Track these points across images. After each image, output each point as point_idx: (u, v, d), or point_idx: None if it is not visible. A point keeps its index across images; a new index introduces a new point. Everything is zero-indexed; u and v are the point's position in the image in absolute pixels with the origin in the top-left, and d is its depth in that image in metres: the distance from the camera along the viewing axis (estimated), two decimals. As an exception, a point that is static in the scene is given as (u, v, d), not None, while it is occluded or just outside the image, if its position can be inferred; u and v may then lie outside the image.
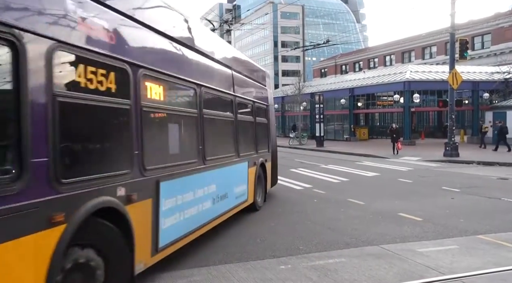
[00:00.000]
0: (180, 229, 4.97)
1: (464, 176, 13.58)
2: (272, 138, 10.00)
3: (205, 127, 5.70)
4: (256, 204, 8.35)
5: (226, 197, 6.60)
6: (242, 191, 7.46)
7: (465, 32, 35.73)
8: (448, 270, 4.82)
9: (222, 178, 6.36)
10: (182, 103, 5.54)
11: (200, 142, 5.59)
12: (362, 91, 32.97)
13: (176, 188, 4.83)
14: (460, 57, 19.00)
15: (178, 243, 4.96)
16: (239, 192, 7.26)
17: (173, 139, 5.22)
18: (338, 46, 70.72)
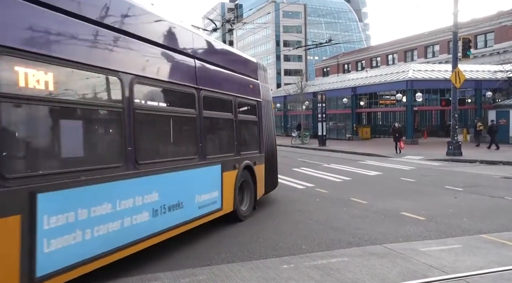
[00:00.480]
0: (86, 250, 4.04)
1: (467, 175, 13.54)
2: (266, 138, 9.04)
3: (138, 124, 4.78)
4: (238, 213, 7.41)
5: (180, 206, 5.59)
6: (212, 199, 6.47)
7: (468, 31, 35.64)
8: (451, 269, 4.81)
9: (171, 184, 5.43)
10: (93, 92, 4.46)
11: (128, 142, 4.63)
12: (364, 90, 32.91)
13: (76, 199, 3.91)
14: (463, 56, 18.92)
15: (84, 266, 4.04)
16: (205, 200, 6.27)
17: (72, 139, 4.16)
18: (340, 45, 70.53)
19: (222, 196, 6.78)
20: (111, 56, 4.56)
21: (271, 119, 9.71)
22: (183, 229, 5.76)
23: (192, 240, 6.36)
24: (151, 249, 5.79)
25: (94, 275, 4.81)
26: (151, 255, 5.58)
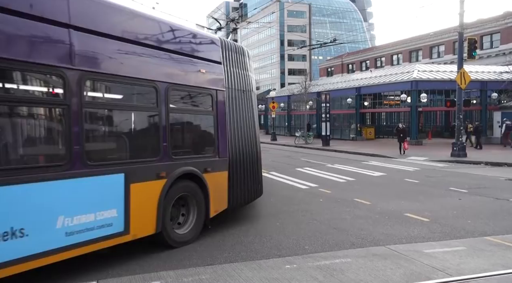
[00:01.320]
0: None
1: (472, 176, 13.47)
2: (235, 138, 7.23)
3: None
4: (168, 237, 5.79)
5: (17, 236, 4.02)
6: (102, 220, 4.84)
7: (474, 31, 35.40)
8: (455, 271, 4.78)
9: None
10: None
11: None
12: (368, 90, 32.81)
13: None
14: (468, 56, 18.81)
15: None
16: (85, 223, 4.65)
17: None
18: (344, 45, 70.48)
19: (127, 216, 5.12)
20: None
21: (250, 115, 7.82)
22: (25, 267, 4.18)
23: (195, 240, 6.36)
24: (154, 248, 5.80)
25: (98, 272, 4.83)
26: (154, 254, 5.59)
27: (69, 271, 4.91)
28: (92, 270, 4.93)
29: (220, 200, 6.90)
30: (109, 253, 5.58)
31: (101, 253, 5.56)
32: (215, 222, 7.40)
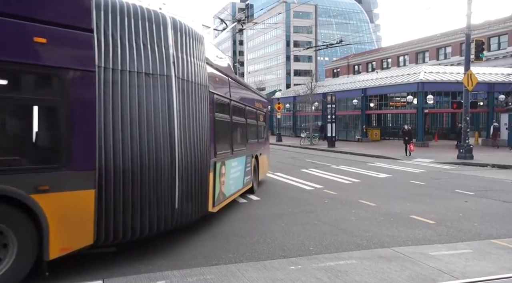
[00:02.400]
0: None
1: (478, 179, 13.37)
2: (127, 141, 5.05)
3: None
4: None
5: None
6: None
7: (481, 33, 35.18)
8: (461, 274, 4.75)
9: None
10: None
11: None
12: (375, 91, 32.70)
13: None
14: (475, 58, 18.69)
15: None
16: None
17: None
18: (351, 46, 70.30)
19: None
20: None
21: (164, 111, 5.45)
22: None
23: (199, 240, 6.38)
24: (159, 248, 5.83)
25: (103, 271, 4.86)
26: (159, 254, 5.61)
27: (75, 270, 4.94)
28: (97, 269, 4.96)
29: (76, 233, 4.69)
30: (114, 252, 5.61)
31: (107, 252, 5.60)
32: (218, 222, 7.42)
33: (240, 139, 9.48)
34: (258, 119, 11.69)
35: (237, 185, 8.84)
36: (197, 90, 6.15)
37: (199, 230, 6.93)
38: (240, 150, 9.18)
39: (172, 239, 6.36)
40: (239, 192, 9.17)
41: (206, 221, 7.55)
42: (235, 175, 8.61)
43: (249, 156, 10.08)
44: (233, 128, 8.60)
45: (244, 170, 9.46)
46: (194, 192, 5.97)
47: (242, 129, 9.73)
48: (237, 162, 8.80)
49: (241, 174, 9.17)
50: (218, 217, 7.88)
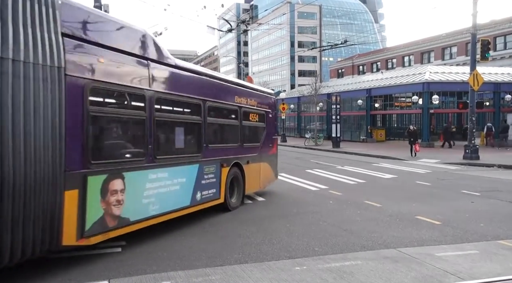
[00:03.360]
0: None
1: (485, 179, 13.28)
2: None
3: None
4: None
5: None
6: None
7: (487, 32, 34.96)
8: (467, 275, 4.71)
9: None
10: None
11: None
12: (379, 92, 32.60)
13: None
14: (481, 58, 18.57)
15: None
16: None
17: None
18: (355, 46, 70.25)
19: None
20: None
21: None
22: None
23: (204, 240, 6.38)
24: (164, 248, 5.84)
25: (109, 271, 4.88)
26: (165, 254, 5.62)
27: (80, 270, 4.96)
28: (103, 269, 4.98)
29: None
30: (119, 253, 5.64)
31: (112, 252, 5.62)
32: (223, 223, 7.43)
33: (183, 143, 7.44)
34: (242, 118, 9.18)
35: (172, 203, 6.59)
36: (38, 75, 4.36)
37: (204, 231, 6.94)
38: (182, 157, 7.05)
39: (178, 239, 6.37)
40: (183, 212, 6.94)
41: (211, 222, 7.56)
42: (164, 190, 6.37)
43: (213, 165, 7.78)
44: (158, 128, 6.36)
45: (196, 182, 7.21)
46: (29, 218, 4.24)
47: (190, 130, 7.57)
48: (171, 173, 6.54)
49: (185, 188, 6.95)
50: (223, 218, 7.89)
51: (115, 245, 5.91)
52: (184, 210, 6.99)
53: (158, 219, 6.33)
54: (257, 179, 9.90)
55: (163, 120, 6.63)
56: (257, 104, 10.06)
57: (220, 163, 8.07)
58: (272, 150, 10.94)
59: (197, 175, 7.30)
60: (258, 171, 9.88)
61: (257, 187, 9.96)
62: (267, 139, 10.50)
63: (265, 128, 10.45)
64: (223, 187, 8.20)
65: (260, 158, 10.03)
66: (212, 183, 7.77)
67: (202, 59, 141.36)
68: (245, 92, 9.56)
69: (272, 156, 10.92)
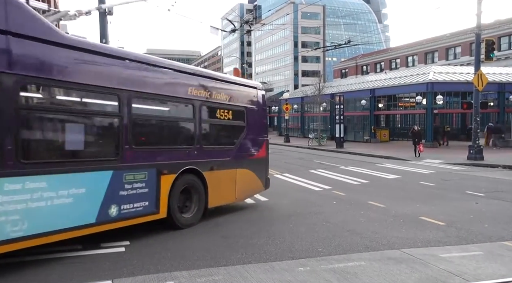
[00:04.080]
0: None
1: (489, 180, 13.22)
2: None
3: None
4: None
5: None
6: None
7: (492, 32, 34.82)
8: (472, 276, 4.69)
9: None
10: None
11: None
12: (383, 92, 32.52)
13: None
14: (486, 58, 18.49)
15: None
16: None
17: None
18: (359, 46, 70.12)
19: None
20: None
21: None
22: None
23: (208, 240, 6.39)
24: (168, 248, 5.85)
25: (112, 271, 4.89)
26: (168, 254, 5.62)
27: (85, 269, 4.98)
28: (107, 269, 4.99)
29: None
30: (123, 253, 5.65)
31: (116, 252, 5.63)
32: (226, 223, 7.44)
33: (82, 144, 5.94)
34: (201, 115, 7.57)
35: (56, 222, 5.17)
36: None
37: (208, 231, 6.95)
38: (78, 162, 5.67)
39: (181, 239, 6.38)
40: (83, 231, 5.53)
41: (214, 222, 7.56)
42: (40, 205, 4.97)
43: (142, 171, 6.29)
44: (26, 124, 5.13)
45: (108, 194, 5.79)
46: None
47: (97, 127, 6.26)
48: (54, 182, 5.16)
49: (86, 202, 5.52)
50: (227, 218, 7.89)
51: (118, 245, 5.93)
52: (85, 229, 5.50)
53: (29, 242, 4.86)
54: (231, 189, 8.27)
55: (37, 113, 5.25)
56: (231, 99, 8.42)
57: (157, 169, 6.54)
58: (257, 154, 9.19)
59: (109, 185, 5.82)
60: (231, 179, 8.26)
61: (230, 198, 8.38)
62: (248, 140, 8.92)
63: (245, 128, 8.80)
64: (163, 199, 6.61)
65: (236, 164, 8.39)
66: (141, 194, 6.24)
67: (206, 59, 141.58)
68: (208, 84, 7.87)
69: (258, 162, 9.15)
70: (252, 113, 9.08)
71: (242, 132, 8.76)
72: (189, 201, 7.32)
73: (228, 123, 8.51)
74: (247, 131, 8.85)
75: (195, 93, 7.46)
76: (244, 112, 8.84)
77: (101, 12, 12.08)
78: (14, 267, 5.03)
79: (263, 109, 9.60)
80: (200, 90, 7.59)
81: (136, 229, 6.39)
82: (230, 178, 8.25)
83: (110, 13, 12.56)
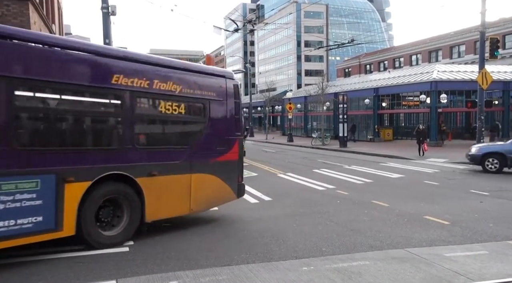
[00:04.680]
0: None
1: (494, 179, 13.14)
2: None
3: None
4: None
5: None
6: None
7: (496, 30, 34.66)
8: (477, 276, 4.67)
9: None
10: None
11: None
12: (387, 91, 32.40)
13: None
14: (490, 56, 18.41)
15: None
16: None
17: None
18: (362, 45, 69.91)
19: None
20: None
21: None
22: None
23: (212, 240, 6.39)
24: (172, 248, 5.86)
25: (116, 271, 4.90)
26: (172, 254, 5.63)
27: (89, 269, 5.00)
28: (111, 269, 5.01)
29: None
30: (127, 253, 5.66)
31: (120, 252, 5.65)
32: (230, 222, 7.45)
33: None
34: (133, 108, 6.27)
35: None
36: None
37: (211, 231, 6.95)
38: None
39: (185, 239, 6.39)
40: None
41: (218, 222, 7.57)
42: None
43: (32, 179, 5.06)
44: None
45: None
46: None
47: None
48: None
49: None
50: (230, 218, 7.89)
51: (123, 245, 5.94)
52: None
53: None
54: (182, 198, 6.83)
55: None
56: (184, 89, 6.90)
57: (57, 176, 5.25)
58: (225, 156, 7.54)
59: None
60: (183, 186, 6.82)
61: (182, 209, 6.90)
62: (210, 139, 7.36)
63: (207, 124, 7.32)
64: (69, 213, 5.38)
65: (192, 167, 6.92)
66: (29, 208, 5.00)
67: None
68: (148, 71, 6.41)
69: (226, 165, 7.54)
70: (218, 107, 7.53)
71: (202, 130, 7.29)
72: (119, 214, 6.08)
73: (178, 118, 6.98)
74: (209, 128, 7.36)
75: (124, 81, 6.04)
76: (205, 105, 7.28)
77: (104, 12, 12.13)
78: (18, 267, 5.06)
79: (234, 102, 7.85)
80: (132, 78, 6.15)
81: (140, 229, 6.40)
82: (182, 185, 6.80)
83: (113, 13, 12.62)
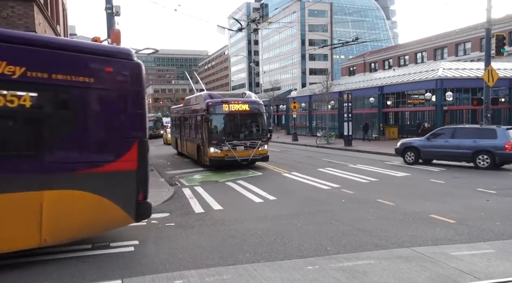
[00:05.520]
0: None
1: (501, 177, 13.03)
2: None
3: None
4: None
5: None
6: None
7: (502, 27, 34.38)
8: (483, 275, 4.63)
9: None
10: None
11: None
12: (392, 89, 32.25)
13: None
14: (496, 53, 18.25)
15: None
16: None
17: None
18: (367, 43, 69.58)
19: None
20: None
21: None
22: None
23: (217, 239, 6.40)
24: (177, 248, 5.87)
25: (122, 271, 4.92)
26: (177, 254, 5.65)
27: (94, 268, 5.02)
28: (116, 268, 5.03)
29: None
30: (132, 252, 5.68)
31: (125, 252, 5.67)
32: (235, 222, 7.44)
33: None
34: None
35: None
36: None
37: (215, 231, 6.96)
38: None
39: (190, 239, 6.40)
40: None
41: (223, 222, 7.58)
42: None
43: None
44: None
45: None
46: None
47: None
48: None
49: None
50: (235, 217, 7.90)
51: (128, 244, 5.97)
52: None
53: None
54: (25, 225, 5.07)
55: None
56: (33, 72, 5.13)
57: None
58: (112, 165, 5.71)
59: None
60: (28, 208, 5.08)
61: (25, 241, 5.08)
62: (84, 142, 5.67)
63: (76, 121, 5.60)
64: None
65: (45, 181, 5.18)
66: None
67: (213, 58, 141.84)
68: None
69: (113, 177, 5.71)
70: (100, 98, 5.77)
71: (66, 129, 5.52)
72: None
73: (17, 113, 5.15)
74: (80, 127, 5.67)
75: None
76: (74, 95, 5.54)
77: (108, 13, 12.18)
78: (25, 267, 5.10)
79: (131, 91, 5.90)
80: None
81: (145, 228, 6.43)
82: (21, 208, 5.04)
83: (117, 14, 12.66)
